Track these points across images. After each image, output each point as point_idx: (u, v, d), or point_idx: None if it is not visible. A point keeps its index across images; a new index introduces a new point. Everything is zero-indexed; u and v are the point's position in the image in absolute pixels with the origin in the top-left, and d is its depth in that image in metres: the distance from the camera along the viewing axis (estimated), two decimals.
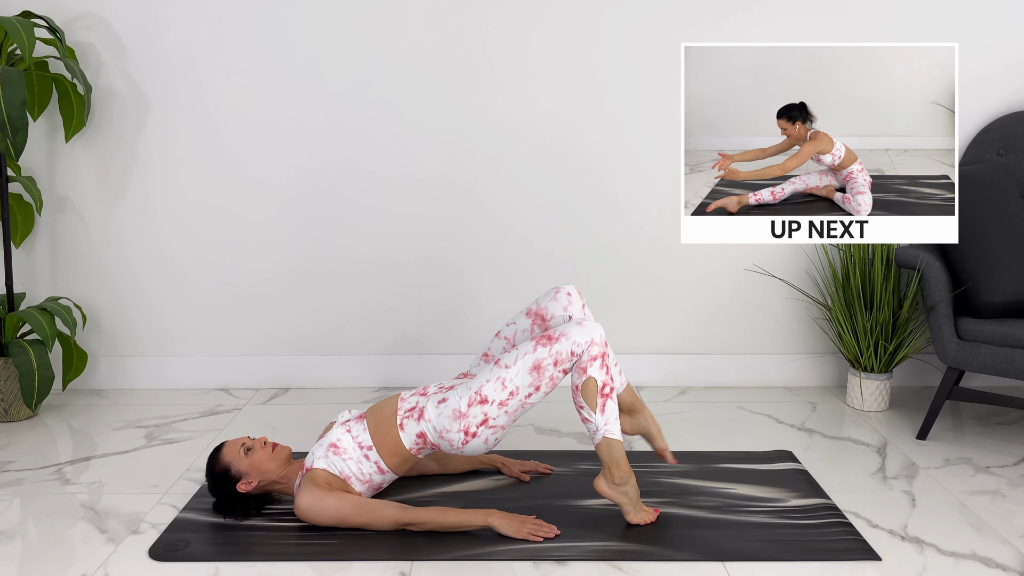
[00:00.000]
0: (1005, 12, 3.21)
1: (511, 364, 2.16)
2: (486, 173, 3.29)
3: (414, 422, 2.22)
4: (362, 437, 2.25)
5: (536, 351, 2.16)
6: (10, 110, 2.74)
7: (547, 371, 2.15)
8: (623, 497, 2.22)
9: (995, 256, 2.77)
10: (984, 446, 2.81)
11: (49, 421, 3.05)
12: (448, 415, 2.17)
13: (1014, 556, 2.11)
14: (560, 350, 2.15)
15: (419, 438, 2.22)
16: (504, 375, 2.16)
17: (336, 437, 2.25)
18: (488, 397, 2.15)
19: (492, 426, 2.17)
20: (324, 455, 2.22)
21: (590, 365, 2.16)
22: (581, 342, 2.15)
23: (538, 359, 2.15)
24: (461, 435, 2.17)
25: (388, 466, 2.25)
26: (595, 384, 2.16)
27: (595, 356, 2.16)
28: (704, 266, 3.36)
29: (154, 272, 3.34)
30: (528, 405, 2.19)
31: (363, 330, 3.39)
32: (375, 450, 2.23)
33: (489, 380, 2.17)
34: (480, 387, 2.17)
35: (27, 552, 2.14)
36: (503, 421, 2.18)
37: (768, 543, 2.15)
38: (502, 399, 2.16)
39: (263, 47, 3.20)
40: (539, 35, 3.20)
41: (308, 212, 3.30)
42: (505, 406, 2.16)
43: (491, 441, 2.21)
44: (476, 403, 2.16)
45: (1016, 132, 3.13)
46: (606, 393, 2.16)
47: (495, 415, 2.16)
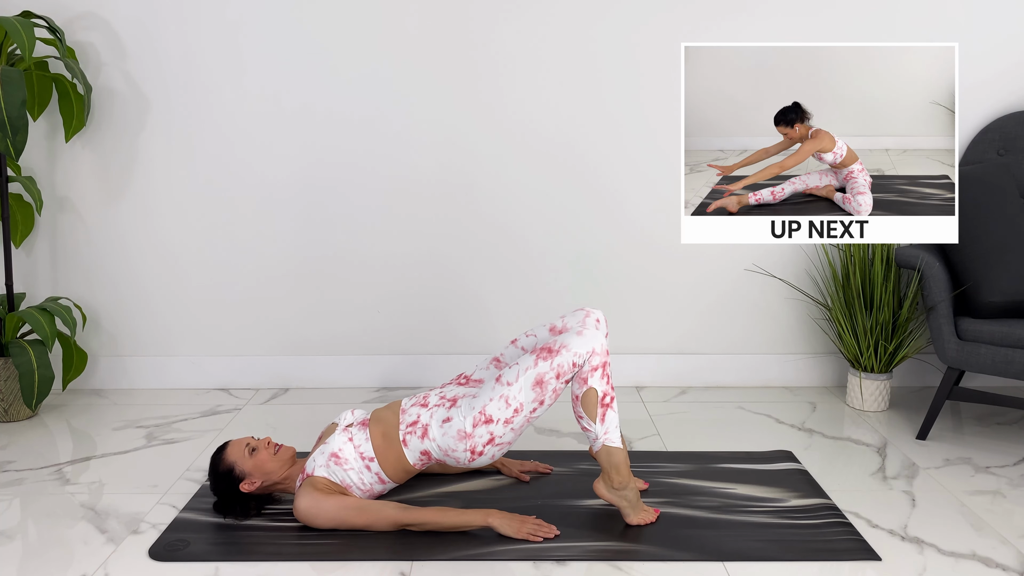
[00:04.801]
0: (1005, 12, 3.21)
1: (513, 381, 2.16)
2: (486, 173, 3.29)
3: (418, 439, 2.21)
4: (364, 447, 2.24)
5: (537, 365, 2.15)
6: (10, 110, 2.74)
7: (549, 385, 2.15)
8: (622, 500, 2.22)
9: (995, 256, 2.77)
10: (984, 446, 2.81)
11: (49, 421, 3.05)
12: (453, 435, 2.17)
13: (1014, 556, 2.11)
14: (561, 363, 2.15)
15: (423, 455, 2.23)
16: (507, 392, 2.15)
17: (338, 447, 2.24)
18: (493, 416, 2.15)
19: (499, 443, 2.18)
20: (325, 464, 2.22)
21: (591, 375, 2.16)
22: (582, 353, 2.15)
23: (540, 374, 2.15)
24: (468, 454, 2.18)
25: (389, 477, 2.25)
26: (595, 395, 2.16)
27: (596, 366, 2.16)
28: (704, 266, 3.36)
29: (154, 272, 3.34)
30: (533, 419, 2.20)
31: (363, 330, 3.39)
32: (376, 462, 2.23)
33: (492, 399, 2.16)
34: (484, 407, 2.16)
35: (27, 552, 2.14)
36: (509, 438, 2.19)
37: (768, 543, 2.15)
38: (507, 417, 2.15)
39: (263, 47, 3.20)
40: (541, 34, 3.20)
41: (308, 212, 3.30)
42: (511, 423, 2.16)
43: (497, 456, 2.22)
44: (481, 423, 2.16)
45: (1016, 132, 3.13)
46: (606, 403, 2.17)
47: (501, 433, 2.17)
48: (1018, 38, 3.22)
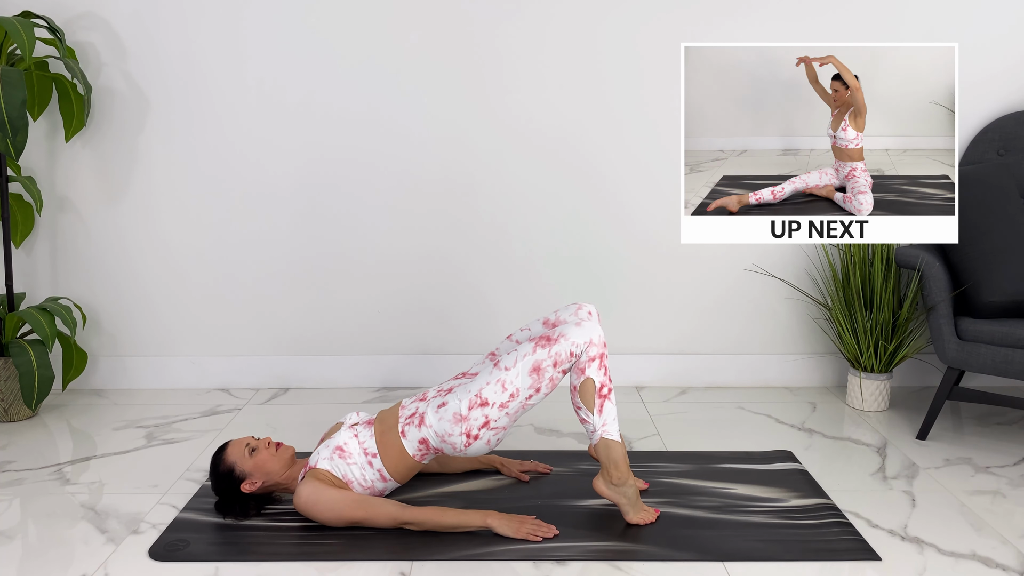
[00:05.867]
0: (1005, 12, 3.21)
1: (511, 366, 2.17)
2: (488, 171, 3.29)
3: (415, 428, 2.22)
4: (368, 444, 2.25)
5: (536, 352, 2.16)
6: (10, 110, 2.74)
7: (547, 372, 2.15)
8: (622, 497, 2.22)
9: (995, 256, 2.76)
10: (984, 446, 2.81)
11: (49, 421, 3.05)
12: (449, 419, 2.17)
13: (1014, 556, 2.11)
14: (559, 351, 2.15)
15: (422, 444, 2.23)
16: (504, 377, 2.16)
17: (343, 440, 2.25)
18: (489, 399, 2.16)
19: (494, 427, 2.18)
20: (330, 456, 2.22)
21: (588, 366, 2.16)
22: (580, 343, 2.15)
23: (537, 360, 2.15)
24: (463, 438, 2.17)
25: (391, 475, 2.25)
26: (593, 385, 2.16)
27: (593, 357, 2.16)
28: (704, 266, 3.36)
29: (154, 272, 3.34)
30: (529, 406, 2.20)
31: (363, 330, 3.39)
32: (379, 458, 2.24)
33: (489, 382, 2.17)
34: (480, 389, 2.17)
35: (27, 552, 2.14)
36: (504, 422, 2.19)
37: (768, 543, 2.15)
38: (503, 401, 2.16)
39: (263, 47, 3.20)
40: (543, 33, 3.20)
41: (308, 212, 3.30)
42: (506, 408, 2.16)
43: (493, 442, 2.21)
44: (477, 406, 2.16)
45: (1016, 132, 3.13)
46: (604, 394, 2.17)
47: (496, 417, 2.17)
48: (1018, 38, 3.22)
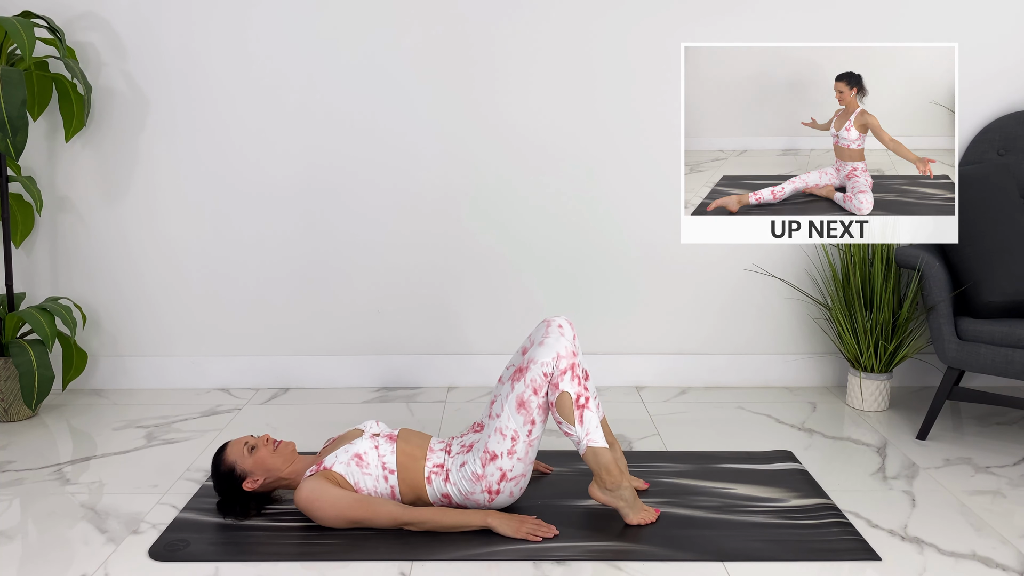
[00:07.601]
0: (1005, 12, 3.21)
1: (500, 412, 2.19)
2: (487, 174, 3.29)
3: (441, 482, 2.24)
4: (388, 460, 2.24)
5: (514, 388, 2.18)
6: (10, 110, 2.74)
7: (532, 403, 2.17)
8: (619, 500, 2.22)
9: (995, 256, 2.77)
10: (984, 446, 2.81)
11: (49, 421, 3.05)
12: (468, 478, 2.20)
13: (1014, 556, 2.11)
14: (534, 377, 2.16)
15: (444, 497, 2.25)
16: (499, 424, 2.19)
17: (363, 449, 2.24)
18: (496, 451, 2.18)
19: (512, 477, 2.19)
20: (347, 462, 2.22)
21: (561, 380, 2.16)
22: (548, 361, 2.16)
23: (519, 395, 2.17)
24: (485, 495, 2.21)
25: (402, 497, 2.25)
26: (569, 398, 2.16)
27: (564, 370, 2.17)
28: (704, 267, 3.36)
29: (154, 272, 3.34)
30: (535, 442, 2.21)
31: (363, 330, 3.39)
32: (396, 476, 2.24)
33: (491, 435, 2.19)
34: (486, 445, 2.19)
35: (27, 552, 2.14)
36: (520, 469, 2.20)
37: (768, 543, 2.15)
38: (508, 449, 2.17)
39: (264, 47, 3.20)
40: (539, 35, 3.20)
41: (309, 212, 3.30)
42: (515, 454, 2.18)
43: (516, 492, 2.24)
44: (488, 461, 2.18)
45: (1016, 132, 3.13)
46: (581, 404, 2.16)
47: (510, 466, 2.18)
48: (1018, 38, 3.22)
